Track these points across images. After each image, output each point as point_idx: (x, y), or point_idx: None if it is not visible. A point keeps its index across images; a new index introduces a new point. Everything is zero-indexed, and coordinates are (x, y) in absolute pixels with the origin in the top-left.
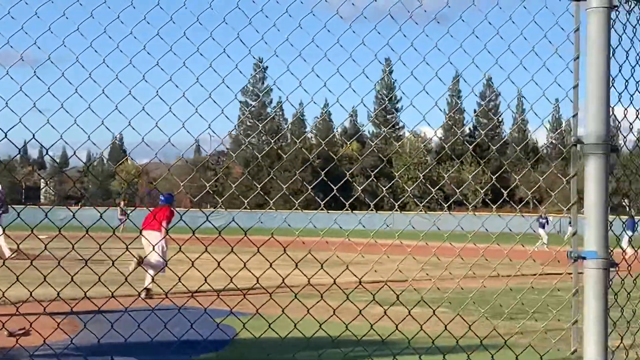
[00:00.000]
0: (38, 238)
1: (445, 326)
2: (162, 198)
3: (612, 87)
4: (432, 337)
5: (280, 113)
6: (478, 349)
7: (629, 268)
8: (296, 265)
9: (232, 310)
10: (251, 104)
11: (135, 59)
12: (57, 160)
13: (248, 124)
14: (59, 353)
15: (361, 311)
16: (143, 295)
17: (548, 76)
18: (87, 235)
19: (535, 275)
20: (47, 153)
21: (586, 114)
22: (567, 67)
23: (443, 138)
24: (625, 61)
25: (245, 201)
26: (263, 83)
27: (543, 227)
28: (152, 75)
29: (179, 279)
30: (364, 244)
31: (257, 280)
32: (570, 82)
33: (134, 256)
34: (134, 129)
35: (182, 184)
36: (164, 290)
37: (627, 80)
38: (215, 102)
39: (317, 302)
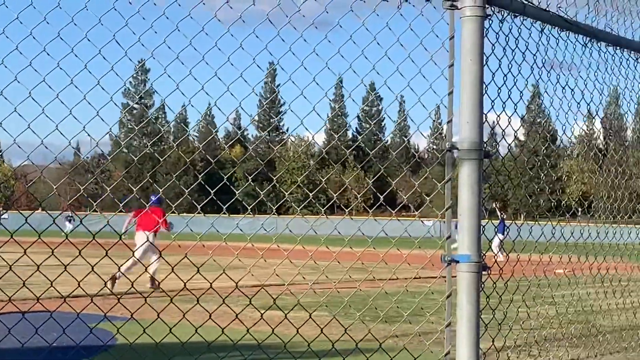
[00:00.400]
0: None
1: (322, 329)
2: (153, 199)
3: (485, 94)
4: (308, 341)
5: (163, 115)
6: (354, 352)
7: (501, 271)
8: (172, 269)
9: (107, 315)
10: (132, 106)
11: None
12: None
13: (129, 126)
14: None
15: (237, 315)
16: (149, 285)
17: (424, 83)
18: None
19: (409, 278)
20: None
21: (460, 120)
22: (442, 74)
23: (326, 142)
24: (498, 69)
25: (121, 205)
26: (145, 85)
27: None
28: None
29: (24, 283)
30: (241, 247)
31: (132, 285)
32: (446, 88)
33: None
34: (4, 129)
35: (55, 187)
36: (8, 296)
37: (499, 88)
38: (89, 103)
39: (193, 306)
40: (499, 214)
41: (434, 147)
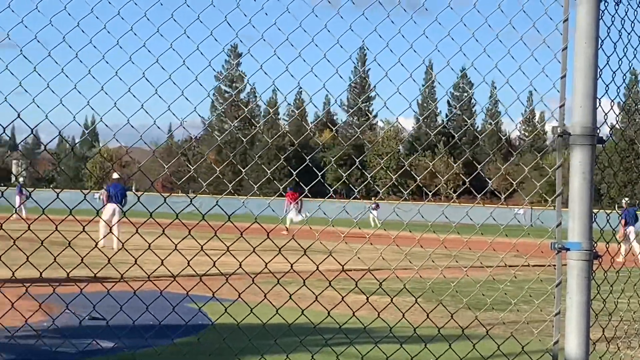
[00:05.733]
0: (22, 218)
1: (427, 315)
2: None
3: (600, 79)
4: (413, 326)
5: (254, 99)
6: (460, 339)
7: (612, 260)
8: (279, 251)
9: (215, 295)
10: (226, 91)
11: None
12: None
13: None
14: (40, 334)
15: (343, 298)
16: None
17: (516, 66)
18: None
19: (518, 266)
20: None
21: (573, 104)
22: (555, 57)
23: (416, 128)
24: (613, 53)
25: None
26: (236, 70)
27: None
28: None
29: (135, 261)
30: (347, 232)
31: (240, 265)
32: (553, 74)
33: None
34: (93, 109)
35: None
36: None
37: (614, 72)
38: (174, 83)
39: (299, 288)
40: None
41: (526, 133)
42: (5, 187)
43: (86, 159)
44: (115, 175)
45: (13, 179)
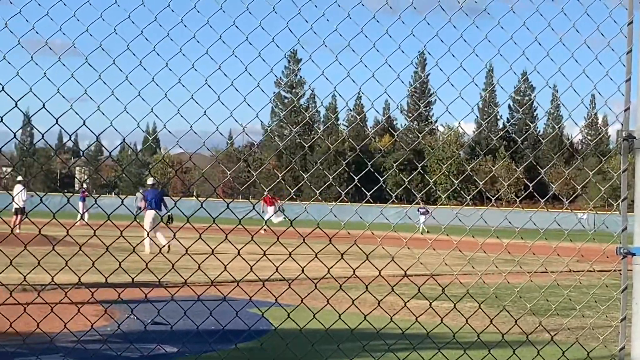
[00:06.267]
0: (87, 224)
1: (491, 320)
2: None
3: None
4: (477, 332)
5: (314, 105)
6: (524, 345)
7: None
8: (341, 256)
9: (277, 300)
10: (285, 97)
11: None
12: (92, 149)
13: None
14: (106, 338)
15: (406, 304)
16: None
17: (579, 70)
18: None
19: (582, 271)
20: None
21: (638, 107)
22: (620, 60)
23: (476, 132)
24: None
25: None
26: (296, 75)
27: None
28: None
29: (199, 267)
30: (409, 237)
31: (302, 271)
32: (617, 77)
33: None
34: (156, 115)
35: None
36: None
37: None
38: (237, 89)
39: (362, 294)
40: None
41: (588, 137)
42: (71, 194)
43: (148, 165)
44: (150, 181)
45: (77, 185)
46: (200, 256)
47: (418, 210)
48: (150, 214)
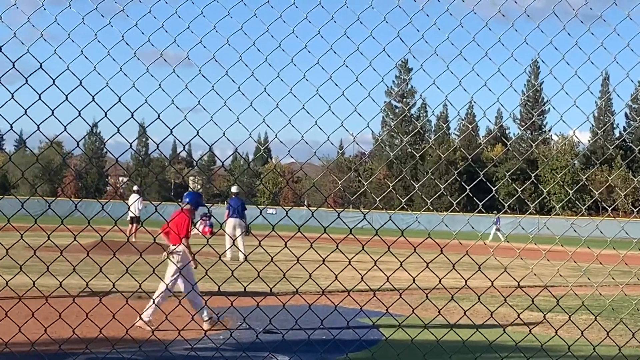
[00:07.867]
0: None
1: (607, 333)
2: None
3: None
4: (593, 345)
5: (425, 115)
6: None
7: None
8: (453, 267)
9: (388, 310)
10: (396, 106)
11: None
12: (205, 159)
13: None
14: (219, 346)
15: (519, 315)
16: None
17: None
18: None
19: None
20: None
21: None
22: None
23: (591, 141)
24: None
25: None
26: (407, 85)
27: None
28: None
29: (284, 275)
30: (522, 247)
31: (414, 281)
32: None
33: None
34: (268, 125)
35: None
36: (269, 287)
37: None
38: (348, 99)
39: (473, 304)
40: None
41: None
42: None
43: (259, 174)
44: (234, 189)
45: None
46: (311, 265)
47: (494, 221)
48: (230, 222)
